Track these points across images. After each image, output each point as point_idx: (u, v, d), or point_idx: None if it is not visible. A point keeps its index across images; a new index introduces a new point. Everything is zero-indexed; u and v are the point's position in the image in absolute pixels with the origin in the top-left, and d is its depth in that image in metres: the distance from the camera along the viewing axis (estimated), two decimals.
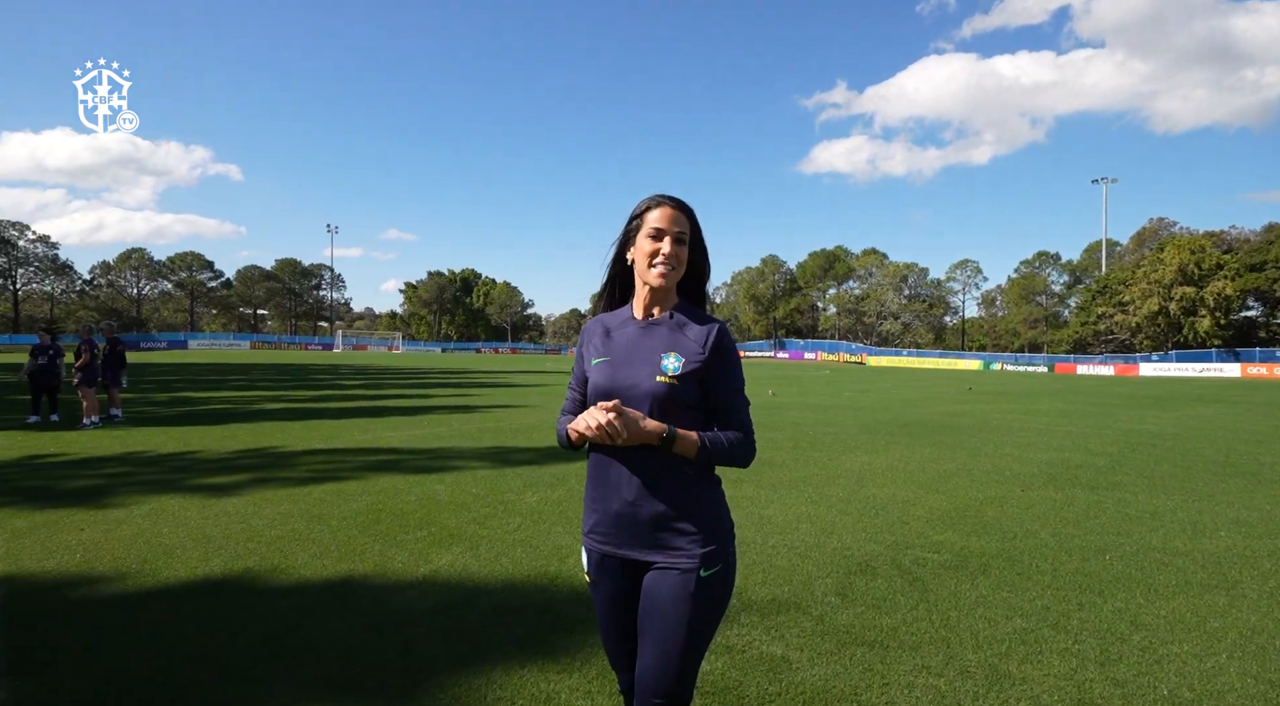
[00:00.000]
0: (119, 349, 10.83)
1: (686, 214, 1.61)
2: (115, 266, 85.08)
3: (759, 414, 13.10)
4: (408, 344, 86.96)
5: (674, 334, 1.58)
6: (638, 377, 1.52)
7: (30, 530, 4.57)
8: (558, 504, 5.47)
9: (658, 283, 1.56)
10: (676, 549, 1.51)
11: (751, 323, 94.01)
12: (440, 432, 9.62)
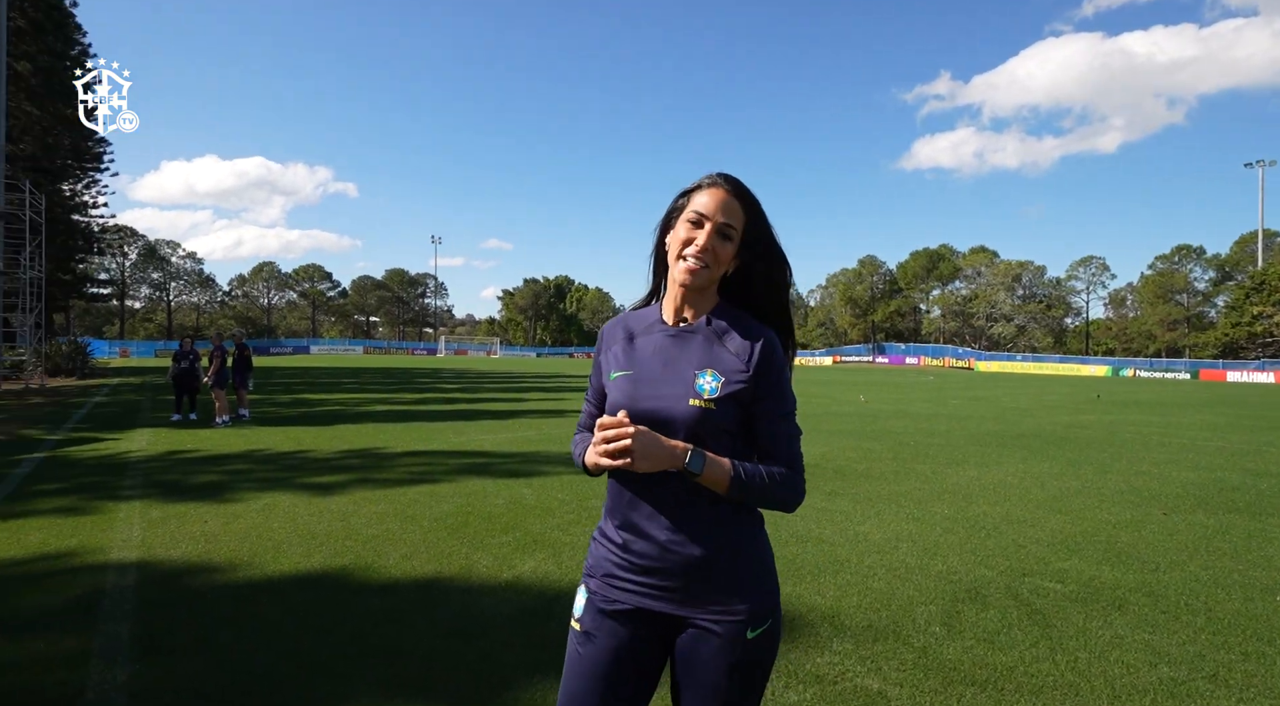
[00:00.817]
0: (246, 354, 11.80)
1: (744, 201, 1.29)
2: (249, 279, 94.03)
3: (853, 422, 12.51)
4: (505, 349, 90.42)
5: (711, 345, 1.28)
6: (666, 400, 1.23)
7: (163, 520, 4.99)
8: None
9: (683, 279, 1.26)
10: (716, 603, 1.22)
11: (848, 326, 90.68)
12: (530, 436, 9.81)
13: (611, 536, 1.29)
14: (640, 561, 1.25)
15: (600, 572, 1.30)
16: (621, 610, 1.26)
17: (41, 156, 24.37)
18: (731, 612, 1.22)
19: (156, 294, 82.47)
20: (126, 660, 2.80)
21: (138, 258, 77.71)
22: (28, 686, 2.60)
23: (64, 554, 4.23)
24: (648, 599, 1.25)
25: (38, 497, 5.76)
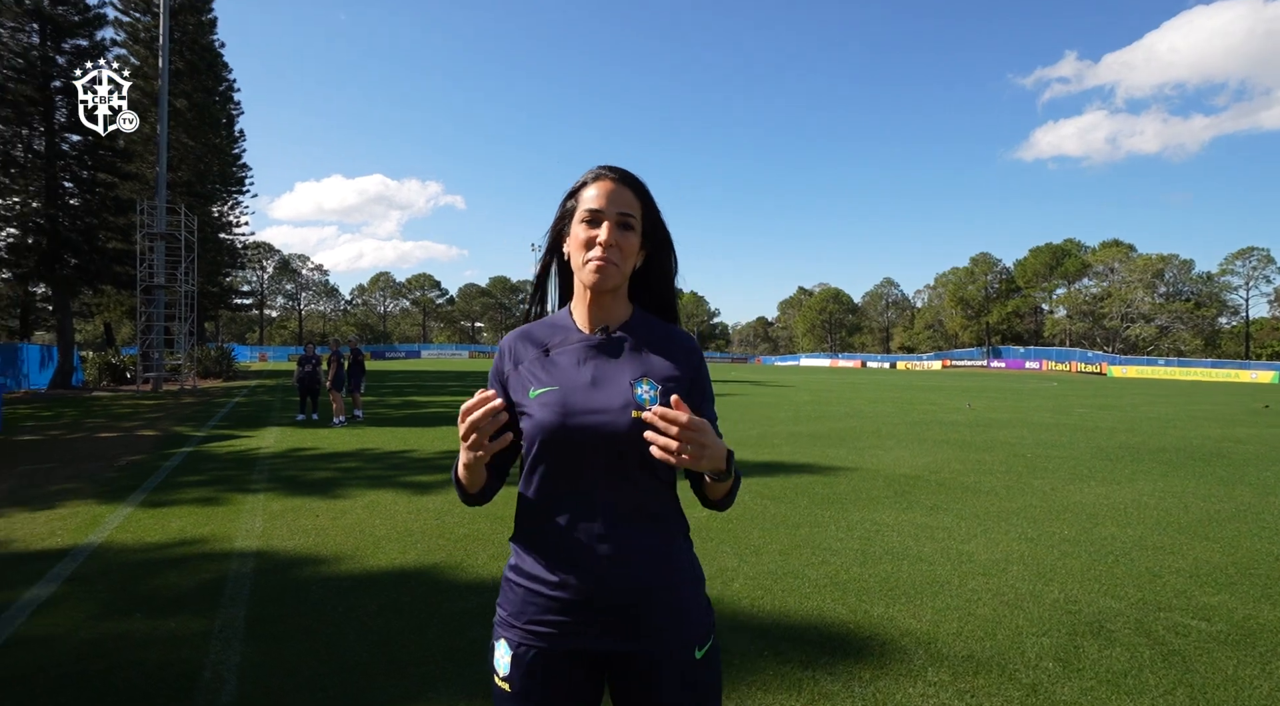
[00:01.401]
0: (359, 359, 12.67)
1: (635, 190, 1.20)
2: (368, 288, 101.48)
3: (961, 431, 11.71)
4: None
5: (641, 353, 1.20)
6: (607, 413, 1.11)
7: (282, 513, 5.41)
8: (727, 521, 5.25)
9: (592, 281, 1.15)
10: (661, 630, 1.12)
11: (959, 328, 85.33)
12: None
13: (537, 572, 1.14)
14: (577, 596, 1.11)
15: (525, 618, 1.15)
16: (555, 657, 1.13)
17: (195, 182, 27.47)
18: (678, 636, 1.14)
19: (289, 303, 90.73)
20: (240, 642, 3.04)
21: (274, 271, 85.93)
22: (159, 661, 2.86)
23: (198, 540, 4.67)
24: (585, 638, 1.13)
25: (182, 488, 6.42)
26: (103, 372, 22.48)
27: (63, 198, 21.79)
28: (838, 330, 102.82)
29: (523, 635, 1.15)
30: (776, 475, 7.24)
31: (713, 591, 3.72)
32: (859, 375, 46.98)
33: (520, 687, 1.14)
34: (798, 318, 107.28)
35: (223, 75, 30.00)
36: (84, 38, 22.07)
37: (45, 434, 10.47)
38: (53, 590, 3.69)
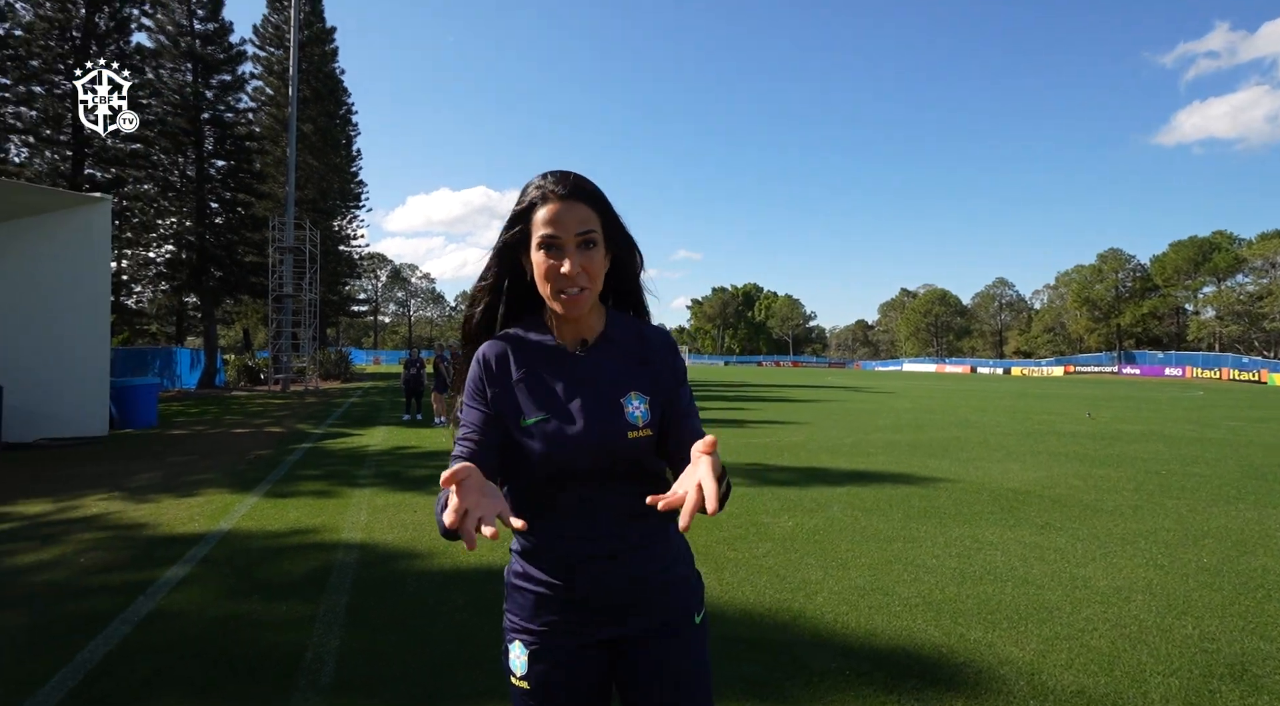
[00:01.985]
0: (439, 366, 13.30)
1: (590, 201, 1.14)
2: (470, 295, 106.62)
3: (1083, 444, 10.73)
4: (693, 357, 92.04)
5: (625, 363, 1.20)
6: (604, 440, 1.13)
7: (385, 508, 5.76)
8: (814, 532, 5.07)
9: (568, 312, 1.13)
10: (670, 602, 1.21)
11: (1084, 331, 78.37)
12: None
13: (540, 577, 1.18)
14: (579, 596, 1.17)
15: (535, 620, 1.19)
16: (567, 651, 1.19)
17: (319, 200, 29.98)
18: (679, 608, 1.23)
19: (400, 310, 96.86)
20: (340, 628, 3.25)
21: (387, 279, 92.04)
22: (270, 642, 3.12)
23: (310, 530, 5.05)
24: (593, 630, 1.19)
25: (300, 481, 6.98)
26: (241, 374, 24.90)
27: (209, 217, 24.38)
28: (944, 333, 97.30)
29: (534, 635, 1.19)
30: (869, 485, 6.93)
31: (794, 605, 3.60)
32: (967, 381, 44.22)
33: (538, 683, 1.18)
34: (900, 320, 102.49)
35: (343, 100, 32.55)
36: (228, 73, 24.64)
37: (191, 429, 11.71)
38: (188, 570, 4.11)
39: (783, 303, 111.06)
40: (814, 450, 9.51)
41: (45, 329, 9.72)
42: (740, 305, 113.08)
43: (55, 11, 19.59)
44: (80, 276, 10.03)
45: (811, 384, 34.68)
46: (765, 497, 6.26)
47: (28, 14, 19.18)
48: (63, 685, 2.69)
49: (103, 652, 2.98)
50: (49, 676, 2.76)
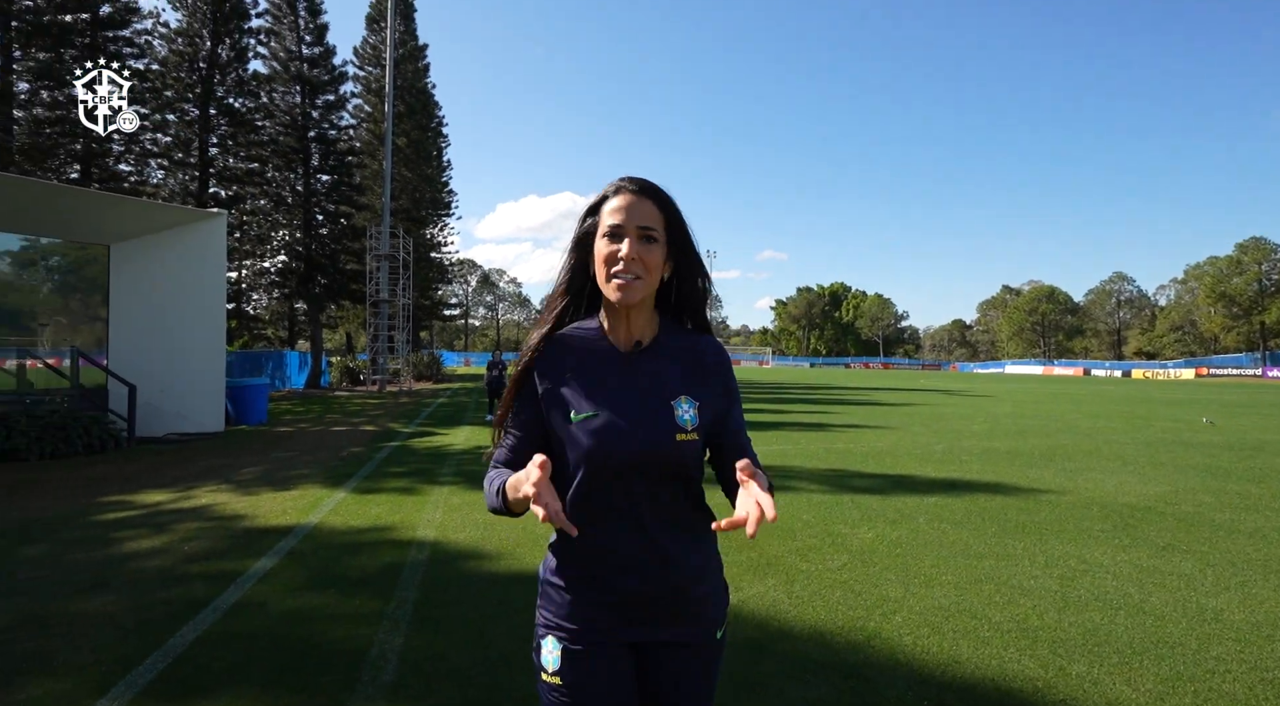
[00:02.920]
0: None
1: (657, 201, 1.18)
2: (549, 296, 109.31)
3: (1214, 455, 9.61)
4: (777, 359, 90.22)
5: (677, 369, 1.21)
6: (652, 441, 1.14)
7: (459, 507, 5.89)
8: (895, 545, 4.75)
9: (617, 297, 1.15)
10: (696, 616, 1.23)
11: (1220, 330, 70.74)
12: (784, 450, 9.48)
13: (579, 576, 1.21)
14: (617, 596, 1.20)
15: (573, 619, 1.22)
16: (602, 650, 1.21)
17: (412, 209, 31.58)
18: (707, 620, 1.25)
19: (489, 313, 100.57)
20: (405, 626, 3.31)
21: (476, 284, 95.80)
22: (340, 636, 3.21)
23: (389, 527, 5.23)
24: (625, 632, 1.22)
25: (386, 478, 7.28)
26: (343, 375, 26.54)
27: (315, 228, 26.17)
28: (1052, 333, 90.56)
29: (569, 633, 1.21)
30: (960, 495, 6.45)
31: (869, 624, 3.36)
32: (1079, 384, 40.88)
33: (570, 681, 1.20)
34: (1002, 319, 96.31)
35: (434, 113, 34.15)
36: (331, 93, 26.37)
37: (296, 426, 12.55)
38: (275, 562, 4.33)
39: (872, 302, 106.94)
40: (900, 456, 9.00)
41: (170, 334, 10.67)
42: (827, 305, 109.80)
43: (185, 46, 21.61)
44: (200, 285, 10.95)
45: (901, 386, 33.10)
46: (844, 506, 5.95)
47: (163, 49, 21.26)
48: (153, 668, 2.87)
49: (191, 638, 3.16)
50: (143, 658, 2.95)
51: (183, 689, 2.70)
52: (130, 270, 10.58)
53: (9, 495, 6.40)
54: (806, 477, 7.33)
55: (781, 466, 8.05)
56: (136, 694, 2.65)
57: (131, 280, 10.58)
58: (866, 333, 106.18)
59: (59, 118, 17.45)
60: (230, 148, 23.30)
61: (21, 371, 10.23)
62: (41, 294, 13.55)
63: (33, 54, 17.01)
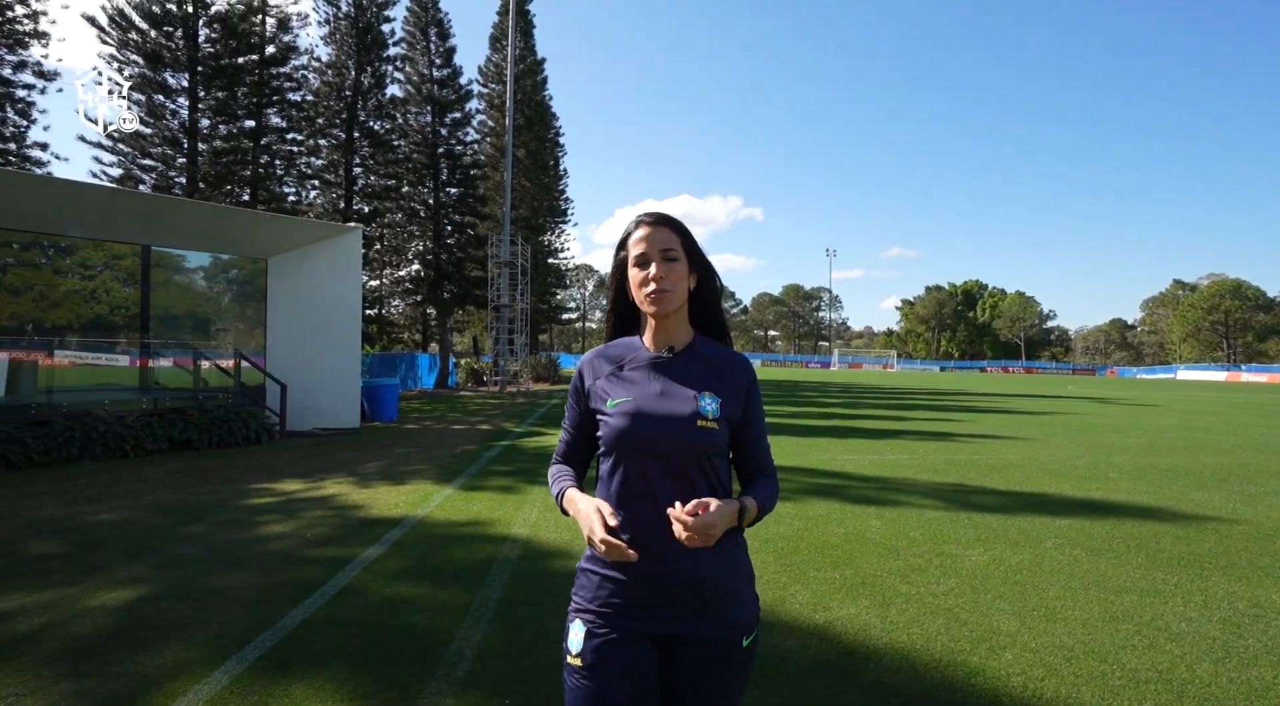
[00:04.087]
0: None
1: (672, 228, 1.40)
2: None
3: None
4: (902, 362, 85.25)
5: (704, 369, 1.38)
6: (674, 422, 1.30)
7: (553, 507, 6.01)
8: (1015, 571, 4.27)
9: (653, 309, 1.36)
10: (719, 616, 1.30)
11: None
12: (899, 460, 8.87)
13: (613, 566, 1.31)
14: (647, 587, 1.29)
15: (600, 604, 1.32)
16: (624, 638, 1.29)
17: (531, 217, 33.00)
18: (731, 624, 1.31)
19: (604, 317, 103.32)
20: (486, 622, 3.40)
21: (593, 288, 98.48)
22: (426, 627, 3.36)
23: (486, 523, 5.44)
24: (652, 623, 1.30)
25: (492, 476, 7.60)
26: (469, 376, 28.20)
27: (443, 239, 28.03)
28: (1238, 334, 78.78)
29: (596, 617, 1.32)
30: (1101, 518, 5.71)
31: (973, 659, 3.02)
32: (1272, 393, 35.21)
33: (591, 662, 1.29)
34: (1172, 319, 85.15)
35: (551, 124, 35.49)
36: (458, 111, 28.16)
37: (421, 424, 13.46)
38: (381, 552, 4.63)
39: (1011, 301, 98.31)
40: (1032, 471, 8.13)
41: (315, 337, 11.81)
42: (959, 305, 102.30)
43: (334, 77, 23.94)
44: (340, 293, 12.05)
45: (1045, 393, 30.09)
46: (958, 524, 5.45)
47: (315, 81, 23.68)
48: (262, 646, 3.13)
49: (300, 620, 3.43)
50: (255, 635, 3.24)
51: (280, 668, 2.92)
52: (283, 280, 11.84)
53: (182, 479, 7.33)
54: (919, 491, 6.80)
55: (892, 478, 7.53)
56: (244, 669, 2.90)
57: (284, 289, 11.83)
58: (1005, 334, 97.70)
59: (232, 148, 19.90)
60: (370, 167, 25.48)
61: (198, 372, 11.73)
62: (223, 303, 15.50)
63: (213, 93, 19.51)
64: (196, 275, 15.07)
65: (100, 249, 13.22)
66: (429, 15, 27.82)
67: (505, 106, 25.83)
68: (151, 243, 11.08)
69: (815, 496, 6.52)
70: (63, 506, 5.94)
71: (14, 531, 5.09)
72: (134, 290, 11.57)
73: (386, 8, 24.60)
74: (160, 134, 18.89)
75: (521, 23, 31.64)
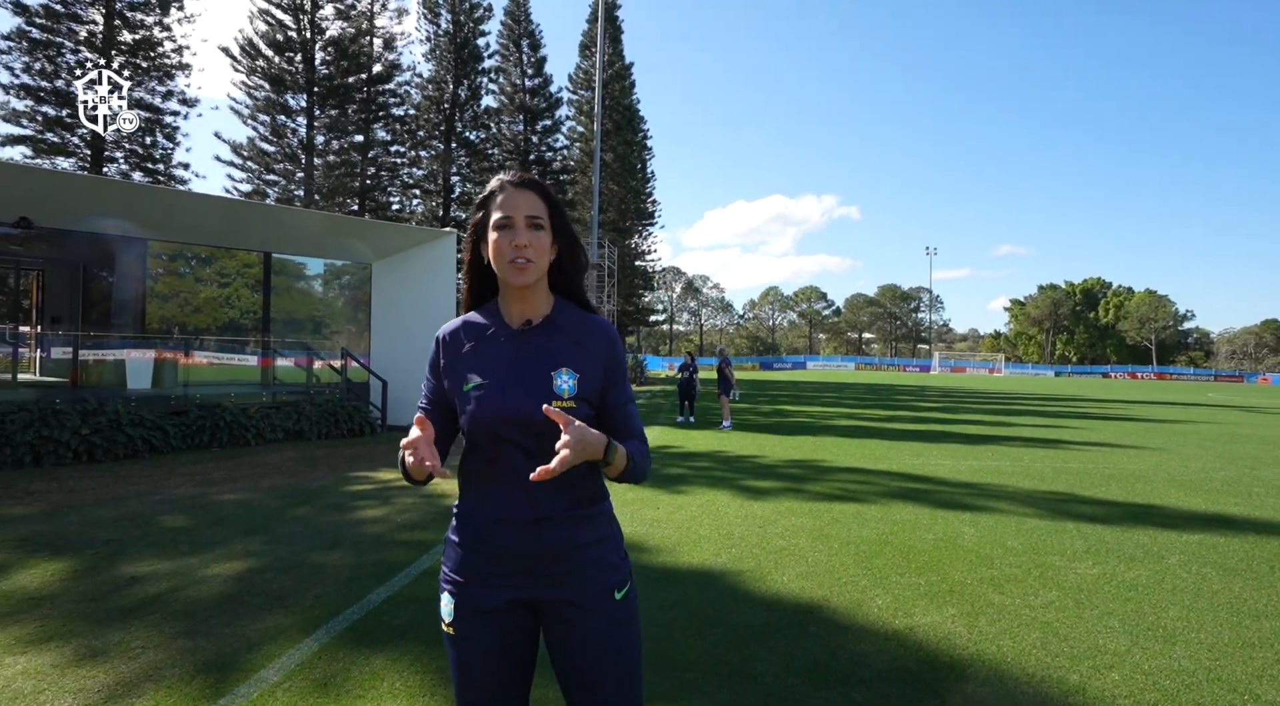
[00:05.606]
0: (724, 370, 13.46)
1: (539, 193, 1.32)
2: (758, 303, 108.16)
3: None
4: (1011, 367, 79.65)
5: (560, 344, 1.33)
6: (527, 405, 1.25)
7: (631, 502, 6.05)
8: (1128, 587, 3.87)
9: (515, 279, 1.28)
10: (585, 578, 1.29)
11: None
12: (1000, 466, 8.28)
13: (475, 535, 1.30)
14: (511, 554, 1.28)
15: (466, 573, 1.31)
16: (494, 606, 1.29)
17: (618, 220, 33.45)
18: (599, 583, 1.29)
19: (693, 318, 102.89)
20: None
21: (681, 291, 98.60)
22: None
23: None
24: (519, 590, 1.29)
25: None
26: None
27: None
28: None
29: (463, 588, 1.31)
30: (1238, 535, 5.08)
31: (1072, 678, 2.77)
32: None
33: (462, 633, 1.30)
34: None
35: (639, 127, 35.88)
36: (549, 118, 29.04)
37: None
38: None
39: (1140, 300, 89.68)
40: (1157, 482, 7.36)
41: (413, 337, 12.49)
42: (1078, 305, 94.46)
43: (434, 91, 25.31)
44: (434, 294, 12.68)
45: (1180, 401, 27.21)
46: (1064, 535, 5.01)
47: (417, 95, 25.12)
48: (348, 619, 3.33)
49: (383, 598, 3.62)
50: (345, 608, 3.45)
51: (364, 640, 3.09)
52: (385, 284, 12.62)
53: (294, 466, 7.95)
54: (1019, 499, 6.31)
55: (990, 485, 7.04)
56: (332, 638, 3.09)
57: (386, 292, 12.60)
58: (1133, 336, 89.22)
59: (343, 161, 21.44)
60: (466, 175, 26.72)
61: (310, 369, 12.70)
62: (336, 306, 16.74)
63: (327, 112, 21.11)
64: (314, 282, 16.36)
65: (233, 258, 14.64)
66: (521, 27, 28.86)
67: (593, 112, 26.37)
68: (272, 250, 12.12)
69: (902, 500, 6.20)
70: (194, 486, 6.58)
71: (153, 507, 5.69)
72: (260, 296, 12.71)
73: (482, 22, 25.78)
74: (282, 151, 20.66)
75: (610, 29, 32.20)
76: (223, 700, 2.53)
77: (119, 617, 3.30)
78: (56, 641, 3.02)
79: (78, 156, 18.61)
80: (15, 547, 4.46)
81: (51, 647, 2.96)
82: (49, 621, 3.25)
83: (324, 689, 2.63)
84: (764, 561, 4.29)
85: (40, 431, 7.55)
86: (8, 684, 2.64)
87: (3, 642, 3.00)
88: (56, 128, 18.10)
